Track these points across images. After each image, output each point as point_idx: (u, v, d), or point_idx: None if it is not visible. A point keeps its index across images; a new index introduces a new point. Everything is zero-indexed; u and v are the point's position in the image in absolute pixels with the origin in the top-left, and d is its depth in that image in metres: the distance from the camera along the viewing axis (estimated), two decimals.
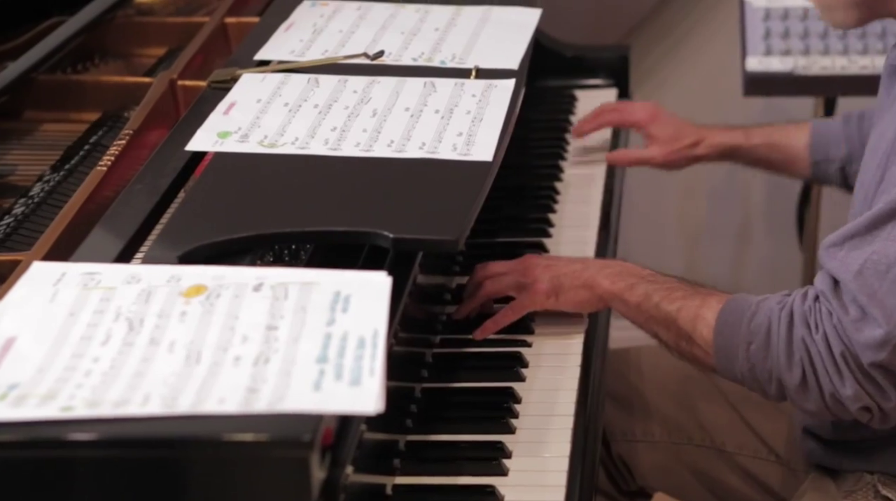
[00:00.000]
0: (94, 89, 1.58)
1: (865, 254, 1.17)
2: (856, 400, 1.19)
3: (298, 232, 1.16)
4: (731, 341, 1.24)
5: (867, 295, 1.16)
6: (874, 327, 1.16)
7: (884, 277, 1.16)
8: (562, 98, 1.93)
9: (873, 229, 1.18)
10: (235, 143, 1.30)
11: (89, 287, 1.03)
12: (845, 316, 1.18)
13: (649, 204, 2.44)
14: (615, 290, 1.33)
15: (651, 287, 1.31)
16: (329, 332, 0.97)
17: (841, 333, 1.18)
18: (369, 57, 1.48)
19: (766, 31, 2.01)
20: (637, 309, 1.31)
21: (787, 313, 1.22)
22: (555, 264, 1.38)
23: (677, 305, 1.29)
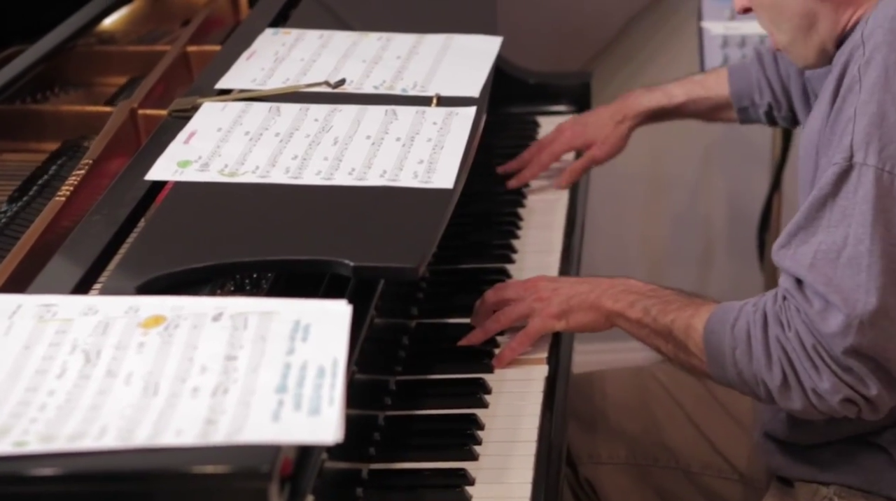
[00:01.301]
0: (53, 119, 1.57)
1: (814, 246, 1.20)
2: (835, 391, 1.20)
3: (259, 261, 1.16)
4: (719, 348, 1.26)
5: (824, 284, 1.18)
6: (836, 313, 1.18)
7: (836, 263, 1.18)
8: (525, 124, 1.94)
9: (812, 221, 1.21)
10: (196, 172, 1.29)
11: (45, 319, 1.03)
12: (810, 308, 1.20)
13: (612, 228, 2.45)
14: (617, 309, 1.35)
15: (649, 301, 1.33)
16: (288, 362, 0.97)
17: (810, 326, 1.20)
18: (331, 85, 1.48)
19: (725, 58, 2.04)
20: (638, 324, 1.34)
21: (761, 315, 1.24)
22: (563, 286, 1.39)
23: (672, 316, 1.31)
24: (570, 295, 1.37)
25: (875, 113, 1.17)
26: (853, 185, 1.18)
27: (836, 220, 1.19)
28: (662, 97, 1.74)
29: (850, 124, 1.19)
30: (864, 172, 1.17)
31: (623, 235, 2.55)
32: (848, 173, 1.18)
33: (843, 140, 1.19)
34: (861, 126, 1.18)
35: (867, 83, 1.19)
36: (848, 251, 1.18)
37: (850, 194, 1.18)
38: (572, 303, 1.37)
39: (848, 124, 1.19)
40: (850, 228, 1.18)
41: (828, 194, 1.20)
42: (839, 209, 1.19)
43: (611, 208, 2.35)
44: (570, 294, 1.37)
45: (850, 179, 1.18)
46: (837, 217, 1.19)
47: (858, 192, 1.18)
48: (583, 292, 1.37)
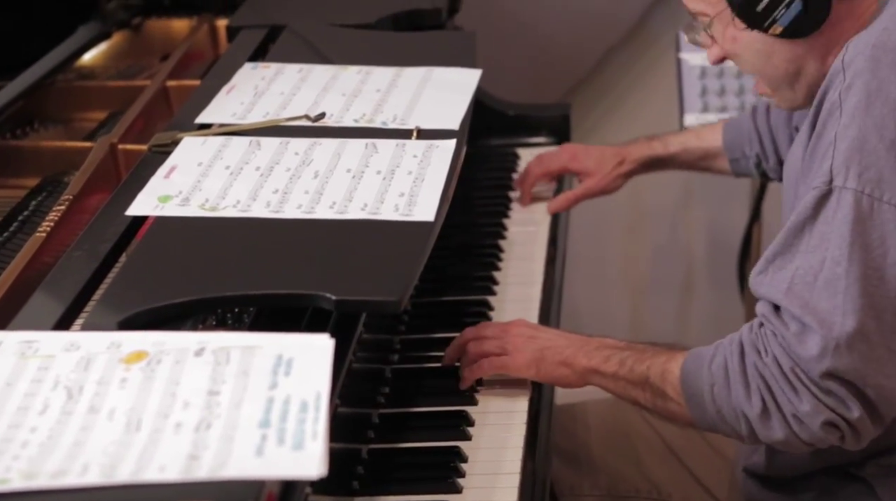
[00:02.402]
0: (33, 154, 1.57)
1: (790, 271, 1.20)
2: (816, 414, 1.19)
3: (240, 295, 1.16)
4: (696, 388, 1.25)
5: (801, 308, 1.18)
6: (813, 336, 1.18)
7: (812, 287, 1.18)
8: (505, 156, 1.95)
9: (790, 246, 1.20)
10: (176, 207, 1.29)
11: (27, 355, 1.02)
12: (787, 331, 1.19)
13: (594, 259, 2.46)
14: (592, 365, 1.33)
15: (625, 353, 1.32)
16: (271, 396, 0.96)
17: (787, 349, 1.19)
18: (311, 119, 1.48)
19: (703, 89, 2.06)
20: (614, 377, 1.32)
21: (738, 345, 1.24)
22: (540, 336, 1.38)
23: (647, 364, 1.30)
24: (545, 347, 1.36)
25: (856, 137, 1.18)
26: (832, 209, 1.18)
27: (814, 245, 1.19)
28: (659, 146, 1.77)
29: (831, 149, 1.19)
30: (843, 196, 1.17)
31: (604, 266, 2.56)
32: (827, 197, 1.18)
33: (824, 164, 1.19)
34: (841, 150, 1.18)
35: (848, 108, 1.19)
36: (825, 274, 1.18)
37: (828, 218, 1.18)
38: (546, 354, 1.36)
39: (828, 149, 1.19)
40: (828, 251, 1.18)
41: (806, 218, 1.19)
42: (818, 233, 1.19)
43: (592, 239, 2.36)
44: (545, 345, 1.36)
45: (830, 203, 1.18)
46: (816, 241, 1.19)
47: (837, 216, 1.18)
48: (558, 346, 1.36)
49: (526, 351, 1.36)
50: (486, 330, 1.41)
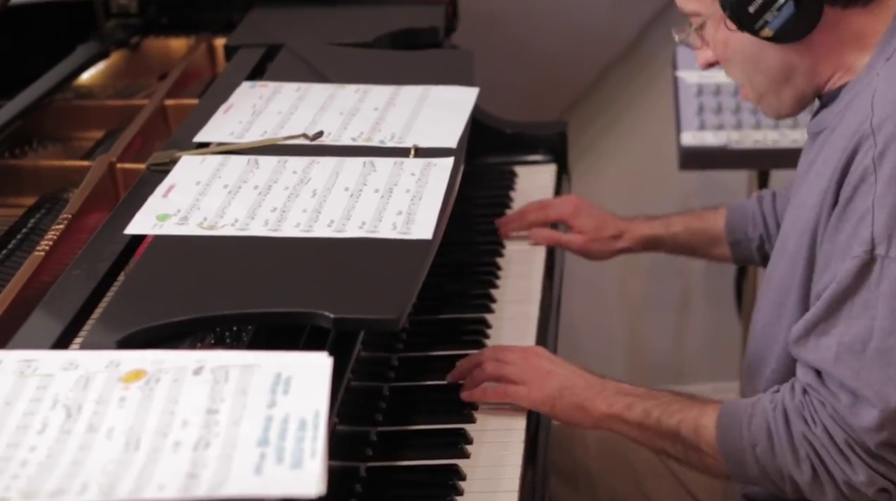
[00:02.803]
0: (31, 174, 1.57)
1: (835, 339, 1.19)
2: (871, 484, 1.19)
3: (239, 314, 1.16)
4: (736, 446, 1.25)
5: (852, 378, 1.18)
6: (868, 408, 1.18)
7: (862, 356, 1.18)
8: (502, 174, 1.95)
9: (832, 313, 1.20)
10: (175, 226, 1.29)
11: (26, 374, 1.02)
12: (838, 403, 1.19)
13: (591, 278, 2.46)
14: (613, 413, 1.32)
15: (649, 403, 1.31)
16: (270, 415, 0.96)
17: (839, 421, 1.19)
18: (308, 137, 1.49)
19: (700, 107, 2.06)
20: (639, 427, 1.31)
21: (781, 411, 1.23)
22: (559, 372, 1.36)
23: (677, 418, 1.29)
24: (564, 386, 1.35)
25: (895, 205, 1.17)
26: (875, 278, 1.18)
27: (857, 312, 1.18)
28: (660, 226, 1.73)
29: (868, 216, 1.18)
30: (886, 265, 1.17)
31: (602, 284, 2.56)
32: (870, 266, 1.18)
33: (861, 232, 1.19)
34: (881, 218, 1.17)
35: (884, 175, 1.18)
36: (875, 344, 1.17)
37: (872, 287, 1.18)
38: (563, 394, 1.34)
39: (865, 216, 1.19)
40: (875, 320, 1.17)
41: (848, 287, 1.19)
42: (861, 301, 1.18)
43: None
44: (563, 385, 1.35)
45: (873, 272, 1.18)
46: (859, 309, 1.18)
47: (882, 285, 1.17)
48: (576, 387, 1.34)
49: (544, 388, 1.35)
50: (507, 355, 1.39)
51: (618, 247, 1.74)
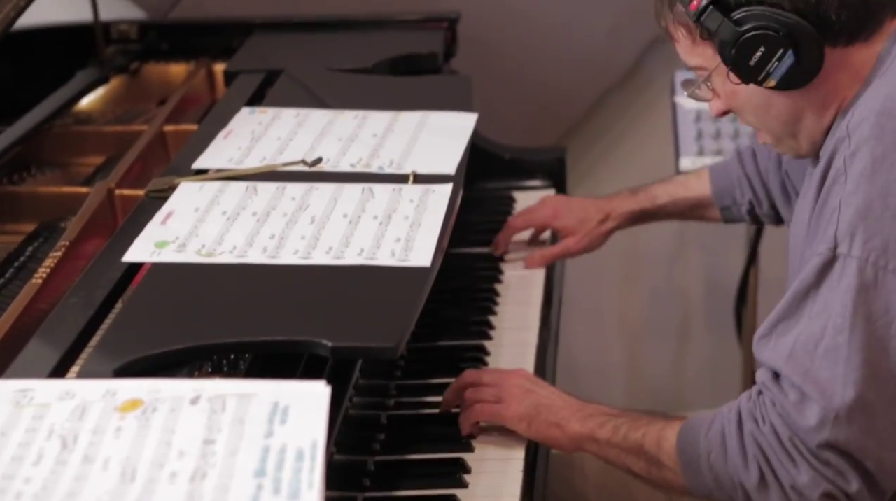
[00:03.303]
0: (30, 200, 1.57)
1: (793, 337, 1.19)
2: (814, 486, 1.18)
3: (236, 342, 1.16)
4: (693, 456, 1.24)
5: (801, 375, 1.18)
6: (812, 405, 1.17)
7: (813, 354, 1.17)
8: (501, 200, 1.95)
9: (794, 312, 1.20)
10: (173, 253, 1.29)
11: (22, 404, 1.01)
12: (786, 400, 1.19)
13: (590, 303, 2.46)
14: (585, 431, 1.32)
15: (619, 420, 1.31)
16: (267, 445, 0.96)
17: (785, 418, 1.19)
18: (307, 164, 1.49)
19: (698, 132, 2.07)
20: (608, 444, 1.31)
21: (736, 413, 1.23)
22: (537, 392, 1.37)
23: (642, 431, 1.29)
24: (541, 404, 1.35)
25: (860, 204, 1.17)
26: (836, 276, 1.17)
27: (817, 312, 1.18)
28: (645, 200, 1.75)
29: (835, 214, 1.19)
30: (847, 263, 1.17)
31: (601, 310, 2.55)
32: (831, 264, 1.18)
33: (828, 230, 1.19)
34: (846, 216, 1.18)
35: (853, 174, 1.19)
36: (826, 342, 1.17)
37: (832, 285, 1.18)
38: (540, 411, 1.35)
39: (833, 214, 1.19)
40: (830, 319, 1.17)
41: (810, 285, 1.19)
42: (821, 300, 1.18)
43: (588, 283, 2.36)
44: (541, 402, 1.35)
45: (834, 270, 1.18)
46: (819, 308, 1.18)
47: (841, 283, 1.17)
48: (554, 406, 1.35)
49: (521, 404, 1.35)
50: (483, 377, 1.40)
51: (607, 228, 1.75)
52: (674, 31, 1.32)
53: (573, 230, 1.75)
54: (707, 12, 1.25)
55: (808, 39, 1.23)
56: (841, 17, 1.24)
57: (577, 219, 1.75)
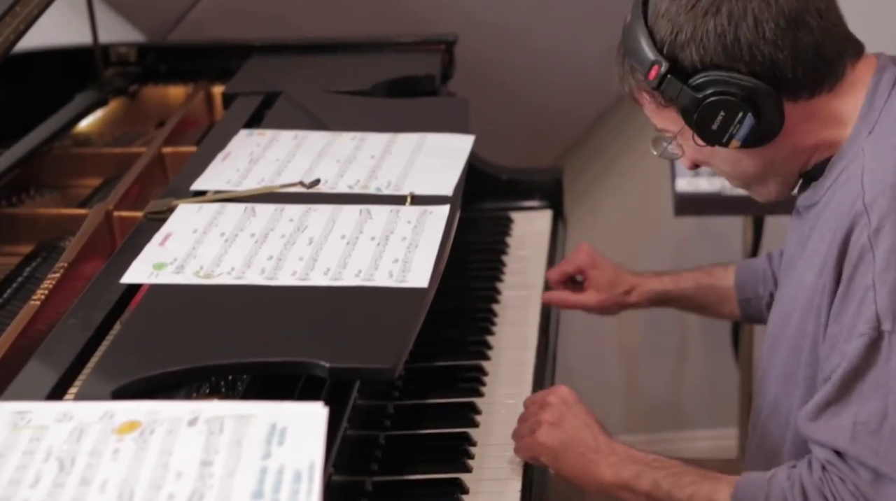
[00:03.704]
0: (28, 222, 1.57)
1: (850, 418, 1.20)
2: None
3: (234, 363, 1.16)
4: None
5: (871, 456, 1.18)
6: (891, 485, 1.18)
7: (879, 434, 1.18)
8: (498, 220, 1.95)
9: (844, 393, 1.20)
10: (171, 275, 1.30)
11: (19, 426, 1.01)
12: (859, 480, 1.19)
13: (587, 323, 2.46)
14: (621, 482, 1.30)
15: (658, 474, 1.29)
16: (265, 466, 0.96)
17: (859, 498, 1.19)
18: (305, 185, 1.49)
19: None
20: (648, 498, 1.30)
21: (800, 489, 1.22)
22: (566, 423, 1.33)
23: (689, 491, 1.27)
24: (570, 438, 1.32)
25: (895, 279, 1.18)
26: (885, 354, 1.18)
27: (869, 391, 1.19)
28: (670, 282, 1.72)
29: (870, 293, 1.19)
30: (894, 340, 1.17)
31: (598, 330, 2.56)
32: (878, 343, 1.18)
33: (865, 310, 1.19)
34: (883, 294, 1.18)
35: (881, 252, 1.19)
36: (891, 421, 1.17)
37: (882, 363, 1.18)
38: (569, 449, 1.32)
39: (867, 293, 1.19)
40: (889, 397, 1.18)
41: (858, 366, 1.19)
42: (872, 379, 1.18)
43: None
44: (570, 436, 1.32)
45: (882, 349, 1.18)
46: (871, 387, 1.19)
47: (892, 361, 1.17)
48: (583, 442, 1.32)
49: (548, 437, 1.33)
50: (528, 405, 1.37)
51: (629, 302, 1.72)
52: (637, 96, 1.34)
53: (600, 288, 1.71)
54: (665, 81, 1.26)
55: (766, 100, 1.25)
56: (798, 74, 1.25)
57: (609, 280, 1.71)
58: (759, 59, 1.24)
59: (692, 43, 1.25)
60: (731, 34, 1.24)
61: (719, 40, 1.24)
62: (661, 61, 1.26)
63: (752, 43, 1.24)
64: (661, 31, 1.27)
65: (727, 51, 1.24)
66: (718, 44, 1.24)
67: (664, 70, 1.26)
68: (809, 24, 1.25)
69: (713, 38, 1.24)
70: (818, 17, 1.26)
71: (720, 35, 1.24)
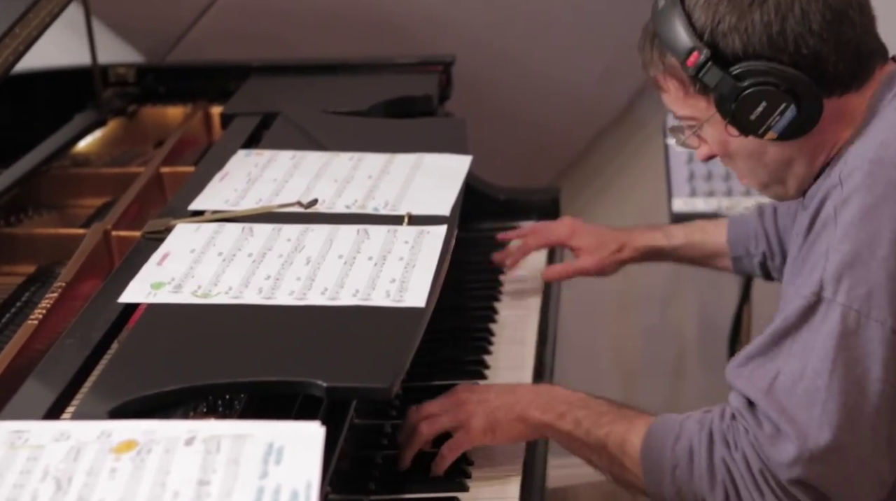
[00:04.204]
0: (27, 242, 1.57)
1: (771, 372, 1.21)
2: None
3: (231, 383, 1.16)
4: (657, 465, 1.26)
5: (778, 412, 1.20)
6: (787, 443, 1.19)
7: (791, 393, 1.20)
8: (495, 240, 1.96)
9: (773, 347, 1.22)
10: (169, 294, 1.30)
11: (16, 446, 1.01)
12: (760, 432, 1.21)
13: (584, 341, 2.47)
14: (546, 420, 1.34)
15: (580, 412, 1.33)
16: (262, 486, 0.96)
17: (758, 449, 1.21)
18: (303, 205, 1.50)
19: (690, 174, 2.09)
20: (569, 437, 1.33)
21: (707, 433, 1.25)
22: (487, 398, 1.38)
23: (605, 430, 1.31)
24: (496, 408, 1.36)
25: (848, 252, 1.19)
26: (819, 320, 1.20)
27: (796, 351, 1.21)
28: (662, 237, 1.76)
29: (823, 260, 1.21)
30: (831, 308, 1.19)
31: (595, 348, 2.56)
32: (815, 307, 1.20)
33: (814, 274, 1.21)
34: (833, 263, 1.20)
35: (843, 222, 1.21)
36: (805, 383, 1.19)
37: (814, 327, 1.20)
38: (498, 416, 1.35)
39: (819, 259, 1.21)
40: (810, 361, 1.19)
41: (792, 325, 1.21)
42: (801, 340, 1.20)
43: (582, 321, 2.37)
44: (495, 406, 1.36)
45: (817, 313, 1.20)
46: (799, 348, 1.21)
47: (823, 327, 1.19)
48: (508, 403, 1.36)
49: (479, 418, 1.35)
50: (430, 407, 1.39)
51: (622, 258, 1.76)
52: (663, 82, 1.33)
53: (590, 250, 1.76)
54: (706, 68, 1.26)
55: (807, 92, 1.25)
56: (838, 69, 1.26)
57: (595, 242, 1.76)
58: (804, 52, 1.24)
59: (735, 31, 1.25)
60: (777, 24, 1.24)
61: (765, 30, 1.24)
62: (701, 48, 1.25)
63: (798, 34, 1.24)
64: (701, 18, 1.26)
65: (772, 41, 1.24)
66: (764, 33, 1.24)
67: (705, 57, 1.25)
68: (852, 19, 1.26)
69: (759, 27, 1.24)
70: (859, 13, 1.27)
71: (766, 24, 1.24)
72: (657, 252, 1.76)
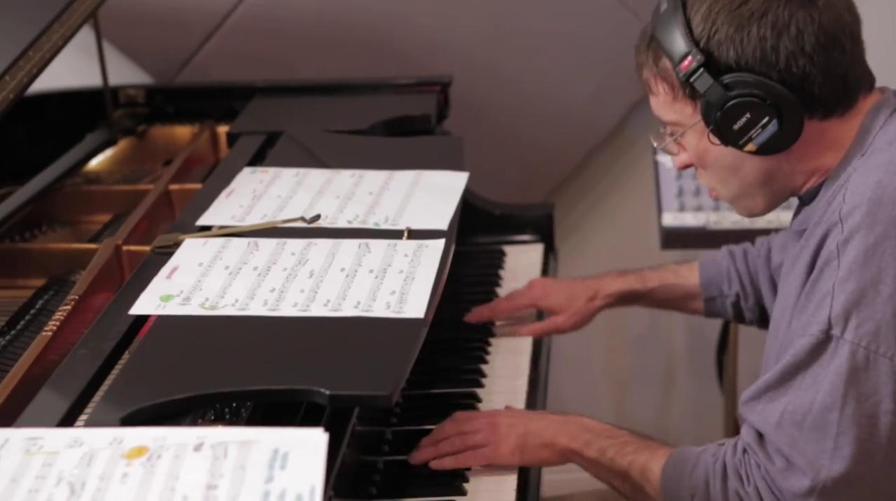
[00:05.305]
0: (40, 256, 1.59)
1: (781, 406, 1.24)
2: None
3: (238, 391, 1.19)
4: (676, 493, 1.31)
5: (789, 445, 1.23)
6: (800, 476, 1.22)
7: (801, 427, 1.23)
8: (491, 254, 1.98)
9: (784, 382, 1.25)
10: (177, 306, 1.33)
11: (32, 452, 1.04)
12: (772, 466, 1.24)
13: (578, 352, 2.49)
14: (574, 447, 1.39)
15: (606, 442, 1.38)
16: (268, 490, 0.98)
17: (770, 484, 1.24)
18: (306, 220, 1.53)
19: (679, 189, 2.11)
20: (595, 464, 1.38)
21: (721, 466, 1.28)
22: (520, 422, 1.42)
23: (629, 459, 1.36)
24: (526, 432, 1.41)
25: (854, 291, 1.22)
26: (829, 357, 1.22)
27: (806, 385, 1.23)
28: (636, 281, 1.74)
29: (828, 298, 1.23)
30: (840, 346, 1.22)
31: (588, 358, 2.58)
32: (825, 345, 1.23)
33: (821, 313, 1.23)
34: (839, 302, 1.22)
35: (846, 261, 1.23)
36: (813, 416, 1.22)
37: (824, 364, 1.23)
38: (528, 440, 1.41)
39: (825, 298, 1.23)
40: (818, 395, 1.22)
41: (802, 362, 1.24)
42: (811, 375, 1.23)
43: (576, 333, 2.40)
44: (525, 431, 1.41)
45: (827, 351, 1.23)
46: (808, 382, 1.23)
47: (833, 363, 1.22)
48: (538, 429, 1.41)
49: (509, 439, 1.40)
50: (465, 425, 1.43)
51: (595, 306, 1.74)
52: (654, 85, 1.34)
53: (562, 308, 1.74)
54: (697, 74, 1.28)
55: (791, 109, 1.27)
56: (823, 91, 1.28)
57: (566, 298, 1.74)
58: (794, 70, 1.26)
59: (731, 42, 1.26)
60: (772, 40, 1.26)
61: (760, 44, 1.26)
62: (696, 54, 1.27)
63: (791, 53, 1.26)
64: (700, 26, 1.27)
65: (765, 56, 1.26)
66: (758, 48, 1.26)
67: (697, 63, 1.27)
68: (844, 46, 1.28)
69: (754, 41, 1.26)
70: (851, 41, 1.29)
71: (762, 39, 1.26)
72: (631, 295, 1.74)
